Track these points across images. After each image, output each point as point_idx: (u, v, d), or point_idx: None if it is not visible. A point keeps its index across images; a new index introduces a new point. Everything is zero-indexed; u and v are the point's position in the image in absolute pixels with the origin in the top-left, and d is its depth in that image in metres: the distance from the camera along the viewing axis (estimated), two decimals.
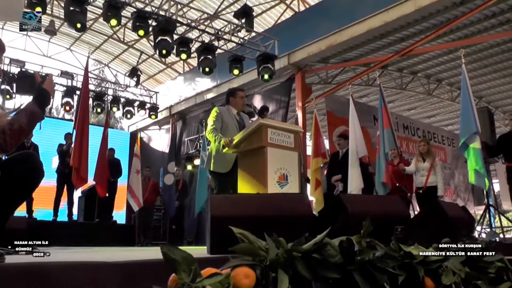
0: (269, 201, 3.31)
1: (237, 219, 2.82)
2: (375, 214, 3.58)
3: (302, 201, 3.43)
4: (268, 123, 4.53)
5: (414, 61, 12.39)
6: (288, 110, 11.75)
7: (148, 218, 10.95)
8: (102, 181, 9.66)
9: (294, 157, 4.67)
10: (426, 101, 15.15)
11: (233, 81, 12.53)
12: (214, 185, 5.23)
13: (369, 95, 14.50)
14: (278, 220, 3.03)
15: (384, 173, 7.78)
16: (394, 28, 10.14)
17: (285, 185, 4.45)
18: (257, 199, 3.40)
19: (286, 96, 11.65)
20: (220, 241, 2.80)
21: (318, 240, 1.77)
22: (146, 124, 16.81)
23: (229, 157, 4.98)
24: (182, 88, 15.31)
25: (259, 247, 1.63)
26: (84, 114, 9.35)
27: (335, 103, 11.45)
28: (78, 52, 18.49)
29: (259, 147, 4.46)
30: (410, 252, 2.17)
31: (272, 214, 3.13)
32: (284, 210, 3.22)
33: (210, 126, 5.09)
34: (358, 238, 1.95)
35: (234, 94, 5.42)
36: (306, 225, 3.09)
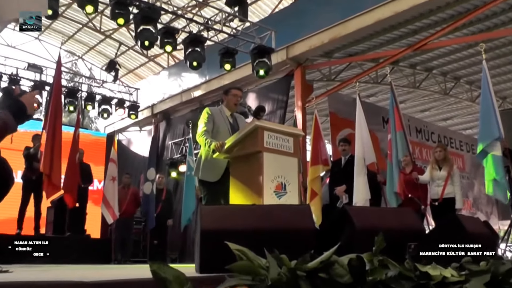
0: (267, 213, 3.31)
1: (231, 233, 2.82)
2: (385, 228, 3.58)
3: (304, 214, 3.43)
4: (264, 125, 4.55)
5: (429, 56, 12.46)
6: (286, 111, 11.78)
7: (127, 231, 10.90)
8: (71, 189, 9.57)
9: (293, 163, 4.69)
10: (442, 102, 15.23)
11: (224, 77, 12.55)
12: (202, 195, 5.23)
13: (377, 94, 14.56)
14: (278, 235, 3.03)
15: (397, 182, 7.81)
16: (406, 19, 10.20)
17: (283, 195, 4.46)
18: (254, 210, 3.40)
19: (284, 94, 11.68)
20: (211, 258, 2.79)
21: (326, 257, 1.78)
22: (125, 125, 16.80)
23: (220, 163, 4.98)
24: (166, 84, 15.32)
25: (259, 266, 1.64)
26: (56, 113, 9.28)
27: (339, 103, 11.49)
28: (48, 42, 18.48)
29: (254, 152, 4.47)
30: (427, 272, 2.17)
31: (270, 228, 3.13)
32: (284, 223, 3.22)
33: (202, 128, 5.10)
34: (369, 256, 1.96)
35: (227, 92, 5.44)
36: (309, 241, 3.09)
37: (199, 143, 5.14)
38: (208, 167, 5.07)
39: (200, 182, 5.28)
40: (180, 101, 14.58)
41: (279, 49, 11.05)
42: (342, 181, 7.94)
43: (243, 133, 4.60)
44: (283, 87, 11.80)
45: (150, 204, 10.94)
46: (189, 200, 10.98)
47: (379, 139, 10.86)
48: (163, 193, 11.35)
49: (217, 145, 4.70)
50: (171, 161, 14.03)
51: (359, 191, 7.60)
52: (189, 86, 14.20)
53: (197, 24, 10.34)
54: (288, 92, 11.75)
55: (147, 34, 8.91)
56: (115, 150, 11.32)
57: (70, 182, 9.59)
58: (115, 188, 10.70)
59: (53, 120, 9.16)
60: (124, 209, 10.72)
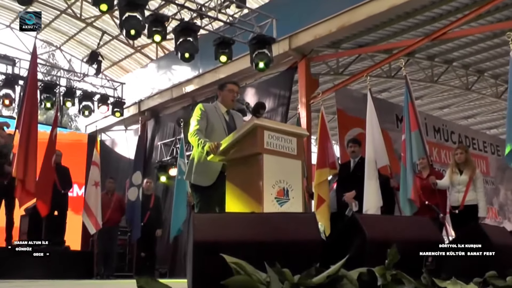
0: (268, 222, 3.32)
1: (227, 244, 2.83)
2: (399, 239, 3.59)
3: (309, 223, 3.43)
4: (264, 124, 4.54)
5: (449, 46, 12.48)
6: (289, 108, 11.79)
7: (111, 243, 10.89)
8: (45, 196, 9.54)
9: (296, 167, 4.68)
10: (463, 98, 15.25)
11: (220, 70, 12.55)
12: (195, 202, 5.24)
13: (391, 89, 14.58)
14: (279, 247, 3.04)
15: (411, 188, 7.81)
16: (423, 5, 10.21)
17: (285, 203, 4.46)
18: (253, 219, 3.40)
19: (287, 89, 11.69)
20: (205, 272, 2.79)
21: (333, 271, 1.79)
22: (108, 124, 16.81)
23: (215, 166, 4.99)
24: (154, 78, 15.33)
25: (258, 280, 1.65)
26: (31, 111, 9.24)
27: (348, 99, 11.50)
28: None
29: (253, 154, 4.47)
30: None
31: (271, 238, 3.13)
32: (287, 233, 3.22)
33: (194, 127, 5.11)
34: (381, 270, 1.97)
35: (223, 87, 5.46)
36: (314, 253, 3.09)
37: (191, 144, 5.14)
38: (202, 170, 5.08)
39: (192, 187, 5.27)
40: (170, 97, 14.59)
41: (281, 39, 11.06)
42: (351, 186, 7.94)
43: (240, 133, 4.59)
44: (285, 81, 11.81)
45: (135, 212, 10.93)
46: (180, 208, 10.97)
47: (393, 139, 10.87)
48: (151, 200, 11.34)
49: (212, 146, 4.70)
50: (160, 164, 14.03)
51: (370, 198, 7.60)
52: (180, 80, 14.21)
53: (189, 11, 10.35)
54: (291, 87, 11.76)
55: (133, 22, 8.91)
56: (97, 152, 11.32)
57: (44, 188, 9.52)
58: (98, 194, 10.70)
59: (28, 119, 9.12)
60: (108, 217, 10.71)
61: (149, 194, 11.35)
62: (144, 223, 10.97)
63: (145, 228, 10.92)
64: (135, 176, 11.34)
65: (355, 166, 8.19)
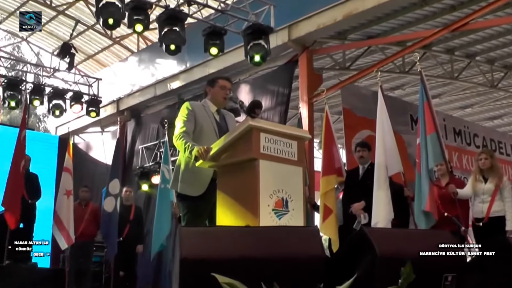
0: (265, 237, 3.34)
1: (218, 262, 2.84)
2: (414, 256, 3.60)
3: (311, 238, 3.46)
4: (260, 125, 4.56)
5: (471, 39, 12.50)
6: (288, 107, 11.79)
7: (85, 260, 10.88)
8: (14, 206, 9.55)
9: (297, 174, 4.71)
10: (488, 96, 15.30)
11: (210, 64, 12.55)
12: (182, 214, 5.24)
13: (404, 87, 14.60)
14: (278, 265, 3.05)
15: (427, 198, 7.80)
16: None
17: (285, 215, 4.47)
18: (247, 234, 3.42)
19: (286, 86, 11.69)
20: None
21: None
22: (82, 125, 16.76)
23: (205, 173, 5.00)
24: (135, 73, 15.33)
25: None
26: None
27: (356, 97, 11.52)
28: None
29: (247, 159, 4.49)
30: None
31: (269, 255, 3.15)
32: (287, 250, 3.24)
33: (180, 129, 5.10)
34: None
35: (213, 83, 5.46)
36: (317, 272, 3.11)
37: (177, 148, 5.14)
38: (190, 178, 5.09)
39: (179, 197, 5.29)
40: (154, 95, 14.59)
41: (280, 28, 11.06)
42: (359, 196, 7.92)
43: (233, 136, 4.60)
44: (284, 77, 11.82)
45: (112, 225, 10.91)
46: (163, 220, 10.89)
47: (406, 143, 10.88)
48: (131, 211, 11.33)
49: (201, 151, 4.68)
50: (142, 170, 13.99)
51: (381, 209, 7.59)
52: (164, 75, 14.21)
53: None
54: (291, 83, 11.77)
55: (112, 9, 8.91)
56: (70, 157, 11.31)
57: (13, 197, 9.56)
58: (70, 205, 10.68)
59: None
60: (82, 231, 10.70)
61: (128, 205, 11.34)
62: (123, 237, 10.94)
63: (124, 243, 10.88)
64: (112, 184, 11.31)
65: (364, 173, 8.19)
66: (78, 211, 10.79)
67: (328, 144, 9.38)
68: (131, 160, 14.82)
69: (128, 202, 11.34)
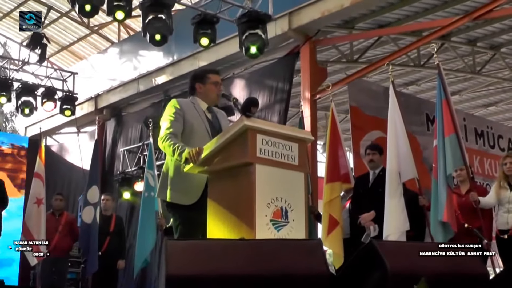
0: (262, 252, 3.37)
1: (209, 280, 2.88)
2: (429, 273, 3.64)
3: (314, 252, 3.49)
4: (257, 125, 4.59)
5: (495, 28, 12.53)
6: (289, 105, 11.81)
7: (58, 277, 10.88)
8: None
9: (298, 180, 4.75)
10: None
11: (200, 57, 12.56)
12: (174, 225, 5.25)
13: (419, 82, 14.64)
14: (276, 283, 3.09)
15: (445, 207, 7.83)
16: None
17: (284, 226, 4.51)
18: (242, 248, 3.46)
19: (286, 81, 11.71)
20: None
21: None
22: (56, 125, 16.75)
23: (198, 178, 5.01)
24: (116, 67, 15.35)
25: None
26: None
27: (365, 94, 11.53)
28: None
29: (242, 164, 4.53)
30: None
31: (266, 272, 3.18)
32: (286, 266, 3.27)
33: (165, 130, 5.10)
34: None
35: (203, 79, 5.46)
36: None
37: (164, 151, 5.16)
38: (182, 184, 5.11)
39: (170, 207, 5.29)
40: (136, 91, 14.60)
41: (279, 16, 11.10)
42: (369, 205, 7.96)
43: (226, 137, 4.63)
44: (284, 71, 11.83)
45: (91, 238, 10.91)
46: (147, 233, 10.87)
47: (422, 145, 10.91)
48: (112, 223, 11.31)
49: (192, 153, 4.69)
50: (123, 176, 14.00)
51: (393, 220, 7.63)
52: (149, 69, 14.24)
53: None
54: (292, 78, 11.79)
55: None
56: (41, 161, 11.31)
57: None
58: (42, 215, 10.69)
59: None
60: (55, 244, 10.66)
61: (108, 215, 11.33)
62: (102, 252, 10.92)
63: (104, 258, 10.85)
64: (91, 192, 11.31)
65: (374, 179, 8.22)
66: (50, 222, 10.78)
67: (333, 147, 9.39)
68: (112, 165, 14.83)
69: (107, 212, 11.33)
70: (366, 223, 7.94)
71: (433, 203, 7.99)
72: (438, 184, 8.00)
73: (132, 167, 14.19)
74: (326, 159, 9.45)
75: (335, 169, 9.09)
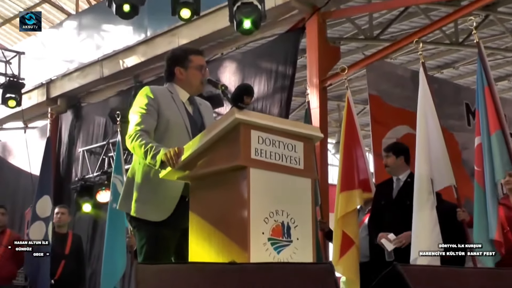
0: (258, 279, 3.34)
1: None
2: None
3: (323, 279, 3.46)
4: (252, 119, 4.56)
5: None
6: (292, 94, 11.80)
7: None
8: None
9: (304, 189, 4.75)
10: None
11: (179, 33, 12.56)
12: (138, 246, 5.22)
13: (457, 64, 14.66)
14: None
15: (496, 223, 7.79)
16: None
17: (286, 247, 4.50)
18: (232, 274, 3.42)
19: (289, 64, 11.71)
20: None
21: None
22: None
23: (171, 188, 5.02)
24: (73, 45, 15.33)
25: None
26: None
27: (388, 80, 11.53)
28: None
29: (233, 168, 4.51)
30: None
31: None
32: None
33: (135, 126, 5.07)
34: None
35: (184, 61, 5.41)
36: None
37: (132, 152, 5.12)
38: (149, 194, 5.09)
39: (134, 223, 5.28)
40: (100, 76, 14.61)
41: None
42: (392, 220, 7.96)
43: (213, 134, 4.61)
44: (286, 51, 11.85)
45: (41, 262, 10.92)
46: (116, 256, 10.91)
47: (461, 144, 10.91)
48: (68, 242, 11.34)
49: (170, 154, 4.64)
50: (83, 183, 14.02)
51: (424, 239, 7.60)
52: (115, 48, 14.26)
53: None
54: (296, 59, 11.81)
55: None
56: None
57: None
58: None
59: None
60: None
61: (63, 233, 11.36)
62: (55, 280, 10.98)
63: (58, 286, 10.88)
64: (40, 204, 11.31)
65: (400, 188, 8.22)
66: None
67: (349, 146, 9.40)
68: (68, 169, 14.87)
69: (62, 229, 11.34)
70: (389, 241, 7.88)
71: (477, 217, 7.94)
72: (484, 193, 7.93)
73: (95, 172, 14.20)
74: (339, 162, 9.45)
75: (351, 175, 9.10)
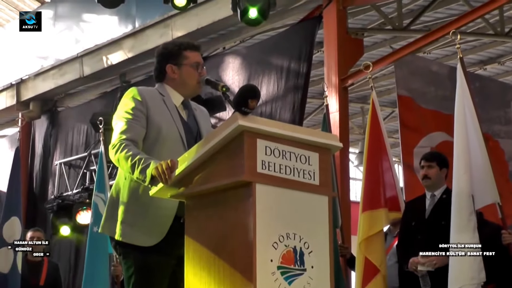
0: None
1: None
2: None
3: None
4: (258, 126, 4.58)
5: None
6: (307, 95, 11.81)
7: None
8: None
9: (319, 208, 4.78)
10: None
11: (173, 24, 12.59)
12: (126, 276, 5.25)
13: (503, 59, 14.66)
14: None
15: None
16: None
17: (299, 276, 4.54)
18: None
19: (303, 60, 11.73)
20: None
21: None
22: None
23: (164, 207, 5.05)
24: (48, 39, 15.35)
25: None
26: None
27: (420, 78, 11.54)
28: None
29: (235, 184, 4.53)
30: None
31: None
32: None
33: (120, 134, 5.08)
34: None
35: (177, 58, 5.45)
36: None
37: (117, 165, 5.11)
38: (138, 215, 5.12)
39: (120, 249, 5.29)
40: (79, 75, 14.62)
41: None
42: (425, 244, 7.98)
43: (212, 145, 4.63)
44: (299, 44, 11.87)
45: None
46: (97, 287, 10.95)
47: (507, 154, 10.91)
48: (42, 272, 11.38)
49: (161, 168, 4.62)
50: (60, 202, 14.01)
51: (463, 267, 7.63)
52: (97, 42, 14.30)
53: None
54: (311, 54, 11.82)
55: None
56: None
57: None
58: None
59: None
60: None
61: (37, 261, 11.39)
62: None
63: None
64: (7, 227, 11.37)
65: (434, 206, 8.24)
66: None
67: (374, 157, 9.41)
68: (43, 185, 14.91)
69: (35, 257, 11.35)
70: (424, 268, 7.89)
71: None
72: None
73: (74, 188, 14.22)
74: (363, 176, 9.46)
75: (376, 191, 9.11)
